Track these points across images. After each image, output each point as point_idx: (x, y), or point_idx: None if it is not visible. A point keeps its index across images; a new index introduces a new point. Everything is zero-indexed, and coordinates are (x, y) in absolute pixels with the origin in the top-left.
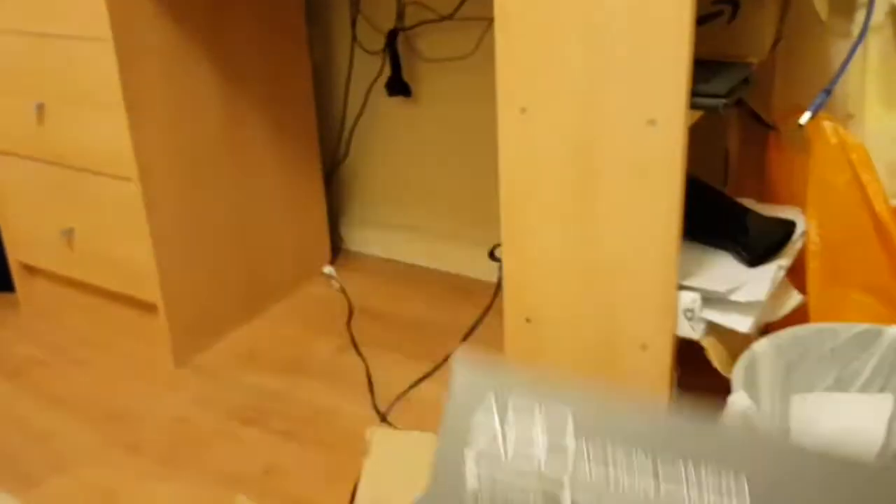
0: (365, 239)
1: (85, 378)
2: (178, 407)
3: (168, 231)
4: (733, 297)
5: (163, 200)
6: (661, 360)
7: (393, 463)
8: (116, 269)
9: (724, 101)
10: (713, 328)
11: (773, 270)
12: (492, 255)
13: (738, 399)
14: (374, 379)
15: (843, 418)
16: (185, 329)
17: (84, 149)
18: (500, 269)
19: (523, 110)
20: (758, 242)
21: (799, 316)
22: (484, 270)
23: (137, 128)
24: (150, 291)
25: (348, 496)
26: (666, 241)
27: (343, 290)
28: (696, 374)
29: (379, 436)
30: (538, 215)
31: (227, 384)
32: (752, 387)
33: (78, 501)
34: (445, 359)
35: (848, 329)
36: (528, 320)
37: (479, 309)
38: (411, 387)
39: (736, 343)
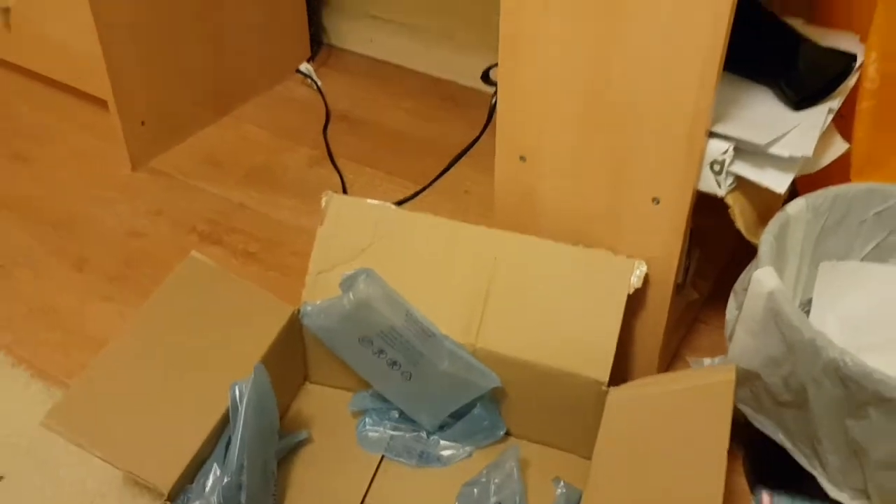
0: (349, 33)
1: (29, 177)
2: (132, 217)
3: (116, 15)
4: (774, 151)
5: None
6: (675, 216)
7: (347, 229)
8: (60, 56)
9: None
10: (739, 181)
11: (822, 115)
12: (486, 78)
13: (765, 277)
14: None
15: (875, 292)
16: (141, 128)
17: None
18: (495, 94)
19: None
20: (809, 79)
21: (837, 166)
22: (479, 79)
23: None
24: (99, 85)
25: None
26: (703, 74)
27: (321, 92)
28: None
29: (335, 201)
30: (546, 28)
31: (188, 193)
32: (779, 255)
33: (17, 318)
34: (430, 182)
35: None
36: (522, 158)
37: (469, 124)
38: None
39: (762, 199)
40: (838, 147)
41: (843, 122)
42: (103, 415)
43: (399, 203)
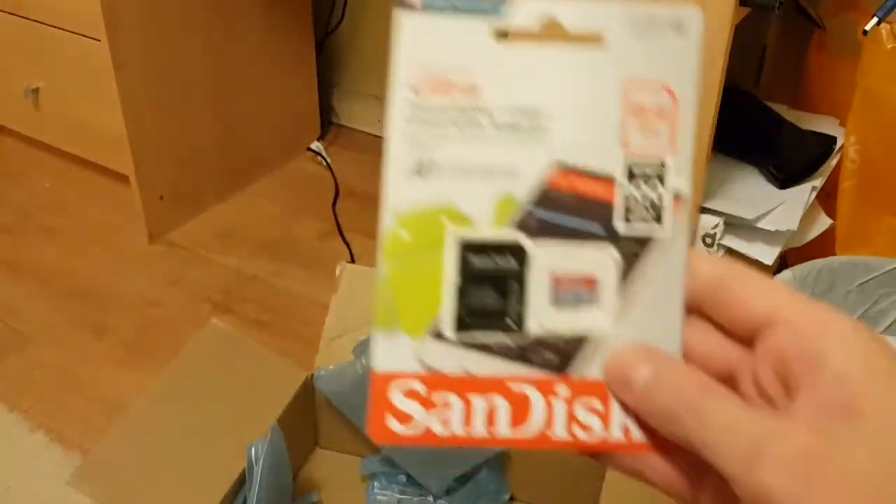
0: (357, 113)
1: (52, 248)
2: (149, 287)
3: (140, 97)
4: (761, 225)
5: (134, 63)
6: None
7: (360, 298)
8: (85, 134)
9: None
10: (729, 253)
11: (805, 193)
12: None
13: None
14: None
15: None
16: (160, 202)
17: (48, 1)
18: None
19: None
20: (793, 160)
21: (823, 241)
22: None
23: None
24: (122, 161)
25: None
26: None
27: (330, 169)
28: None
29: (348, 271)
30: None
31: (203, 264)
32: None
33: (36, 384)
34: None
35: (883, 264)
36: None
37: None
38: None
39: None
40: (822, 223)
41: (828, 200)
42: (126, 475)
43: None
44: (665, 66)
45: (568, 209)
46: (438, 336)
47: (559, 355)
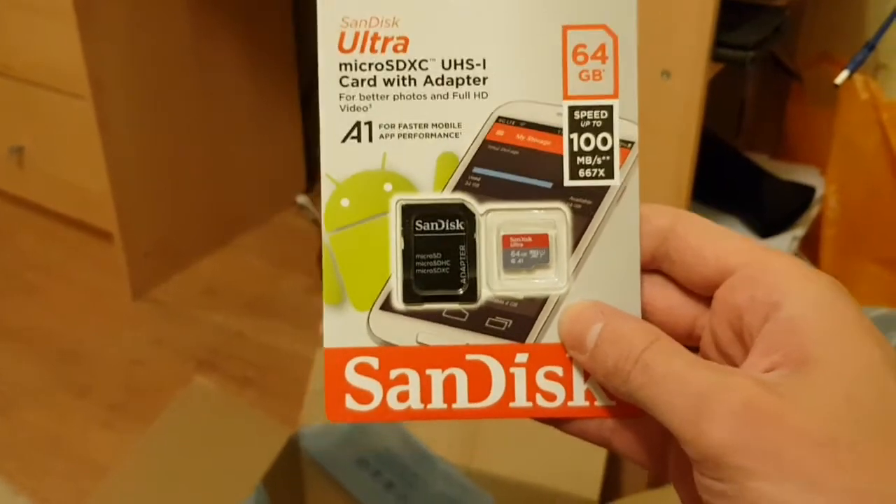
0: None
1: (35, 308)
2: (133, 346)
3: (124, 154)
4: None
5: (118, 121)
6: None
7: None
8: (69, 192)
9: (752, 54)
10: None
11: (786, 242)
12: None
13: None
14: None
15: None
16: (144, 259)
17: (33, 60)
18: None
19: None
20: (773, 210)
21: None
22: None
23: (90, 39)
24: (105, 218)
25: None
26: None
27: (316, 223)
28: None
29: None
30: None
31: (187, 322)
32: None
33: (20, 446)
34: None
35: (866, 312)
36: None
37: None
38: None
39: None
40: None
41: (812, 248)
42: None
43: None
44: (602, 5)
45: (513, 165)
46: (388, 307)
47: (516, 320)
